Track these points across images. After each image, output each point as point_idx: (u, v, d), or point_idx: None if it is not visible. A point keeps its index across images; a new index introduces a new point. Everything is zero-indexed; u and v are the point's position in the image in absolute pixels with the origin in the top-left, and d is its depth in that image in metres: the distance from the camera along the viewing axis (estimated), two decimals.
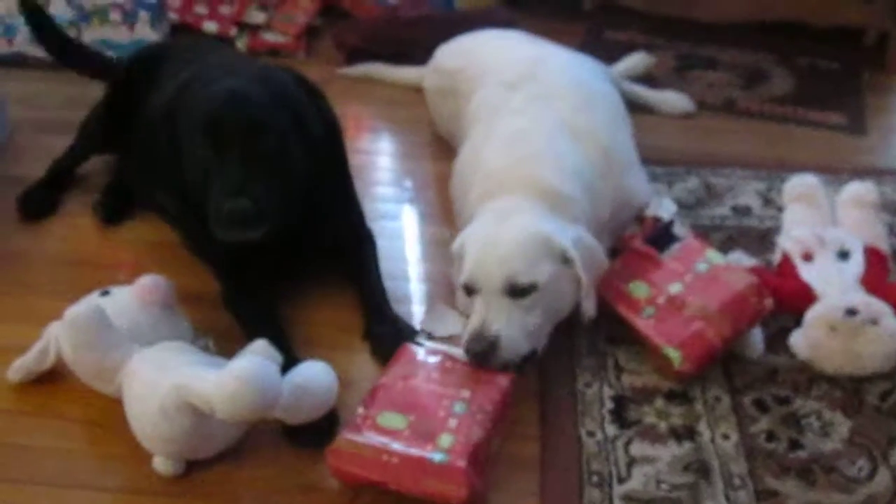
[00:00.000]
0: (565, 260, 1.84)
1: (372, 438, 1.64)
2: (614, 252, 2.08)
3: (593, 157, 2.07)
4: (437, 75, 2.62)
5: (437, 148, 2.67)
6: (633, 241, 2.02)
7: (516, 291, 1.81)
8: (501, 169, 2.02)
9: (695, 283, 1.90)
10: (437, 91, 2.62)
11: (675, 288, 1.91)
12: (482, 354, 1.78)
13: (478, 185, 2.03)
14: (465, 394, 1.73)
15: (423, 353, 1.84)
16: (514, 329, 1.80)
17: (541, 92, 2.20)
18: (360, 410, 1.70)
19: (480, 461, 1.64)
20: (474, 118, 2.26)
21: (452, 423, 1.67)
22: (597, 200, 2.03)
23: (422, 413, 1.69)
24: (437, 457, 1.60)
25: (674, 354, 1.82)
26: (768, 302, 1.87)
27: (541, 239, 1.83)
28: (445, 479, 1.58)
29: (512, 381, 1.78)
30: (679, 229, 2.11)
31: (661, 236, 2.04)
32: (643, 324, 1.89)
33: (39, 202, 2.37)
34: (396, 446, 1.62)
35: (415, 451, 1.61)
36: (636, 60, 2.92)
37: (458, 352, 1.83)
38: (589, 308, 1.91)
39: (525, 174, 1.98)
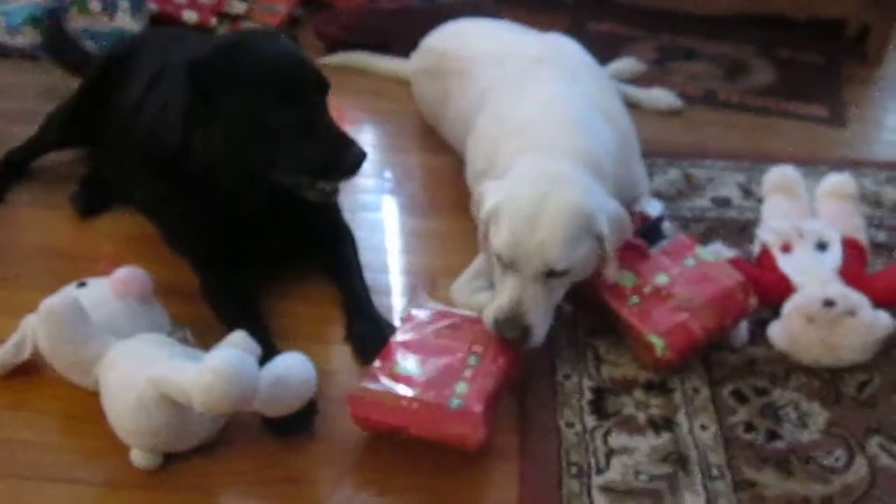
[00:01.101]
0: (599, 238, 1.83)
1: (390, 385, 1.71)
2: None
3: (616, 138, 2.09)
4: (426, 56, 2.61)
5: (418, 139, 2.67)
6: None
7: (551, 275, 1.81)
8: (541, 127, 2.00)
9: (682, 276, 1.91)
10: (424, 72, 2.61)
11: (661, 279, 1.91)
12: (513, 338, 1.80)
13: (514, 138, 2.00)
14: (478, 348, 1.80)
15: (433, 313, 1.90)
16: (546, 314, 1.84)
17: (566, 68, 2.22)
18: (377, 363, 1.76)
19: (492, 409, 1.71)
20: (495, 86, 2.21)
21: (467, 373, 1.74)
22: (614, 182, 2.02)
23: (437, 363, 1.76)
24: (455, 402, 1.67)
25: (657, 342, 1.83)
26: (753, 300, 1.88)
27: (582, 219, 1.80)
28: (463, 423, 1.66)
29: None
30: (668, 227, 2.12)
31: (651, 231, 2.05)
32: (627, 311, 1.89)
33: None
34: (414, 392, 1.69)
35: (432, 397, 1.69)
36: (625, 65, 2.93)
37: (467, 313, 1.90)
38: (611, 274, 1.89)
39: (567, 138, 1.96)
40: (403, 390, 1.70)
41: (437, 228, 2.32)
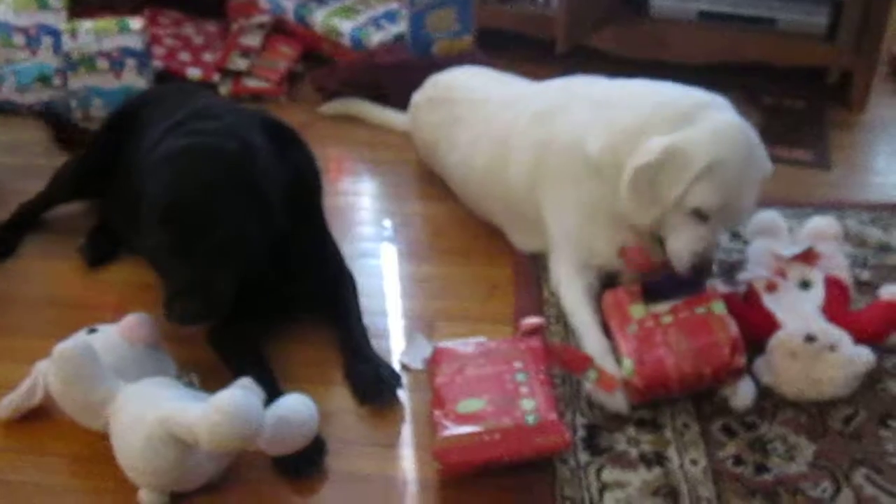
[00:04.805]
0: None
1: (463, 427, 1.77)
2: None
3: None
4: (433, 88, 2.75)
5: (416, 188, 2.75)
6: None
7: None
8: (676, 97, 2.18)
9: (685, 321, 1.96)
10: (428, 101, 2.72)
11: (666, 319, 1.97)
12: (702, 273, 2.01)
13: (666, 106, 2.11)
14: (518, 364, 1.90)
15: (459, 348, 1.98)
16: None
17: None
18: (436, 412, 1.82)
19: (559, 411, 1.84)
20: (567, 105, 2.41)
21: (524, 389, 1.84)
22: None
23: (493, 392, 1.84)
24: (530, 419, 1.77)
25: (627, 364, 1.89)
26: (741, 359, 1.90)
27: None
28: (547, 433, 1.75)
29: (542, 340, 1.97)
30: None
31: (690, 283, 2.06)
32: (622, 335, 1.97)
33: None
34: (490, 424, 1.76)
35: (509, 422, 1.76)
36: None
37: (479, 339, 2.01)
38: None
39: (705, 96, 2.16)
40: (479, 426, 1.76)
41: (433, 273, 2.39)
